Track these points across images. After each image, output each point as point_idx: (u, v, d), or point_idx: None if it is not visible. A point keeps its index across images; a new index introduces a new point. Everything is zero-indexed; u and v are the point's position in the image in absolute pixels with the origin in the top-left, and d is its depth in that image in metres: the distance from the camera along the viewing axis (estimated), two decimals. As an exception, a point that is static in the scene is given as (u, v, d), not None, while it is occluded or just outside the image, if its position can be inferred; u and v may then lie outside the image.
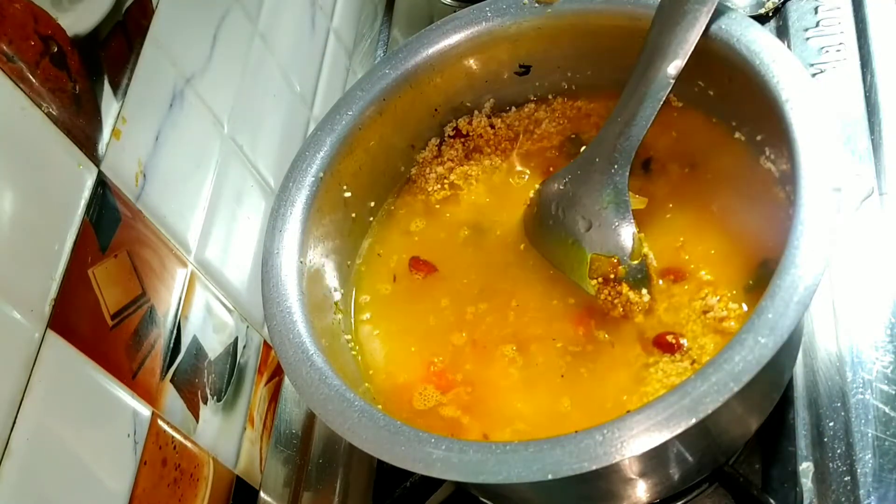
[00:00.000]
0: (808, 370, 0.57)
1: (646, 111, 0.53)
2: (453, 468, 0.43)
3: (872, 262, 0.59)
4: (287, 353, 0.51)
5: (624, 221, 0.54)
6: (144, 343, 0.56)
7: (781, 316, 0.41)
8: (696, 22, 0.51)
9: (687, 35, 0.52)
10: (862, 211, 0.60)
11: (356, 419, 0.47)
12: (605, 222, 0.54)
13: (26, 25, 0.49)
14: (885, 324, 0.57)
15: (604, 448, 0.41)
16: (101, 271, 0.53)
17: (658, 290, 0.54)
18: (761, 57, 0.50)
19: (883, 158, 0.62)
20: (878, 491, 0.51)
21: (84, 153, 0.52)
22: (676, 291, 0.54)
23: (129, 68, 0.57)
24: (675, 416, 0.41)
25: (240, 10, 0.71)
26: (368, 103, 0.60)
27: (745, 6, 0.73)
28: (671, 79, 0.52)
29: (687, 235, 0.55)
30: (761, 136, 0.54)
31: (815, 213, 0.44)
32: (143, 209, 0.58)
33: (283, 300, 0.53)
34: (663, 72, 0.52)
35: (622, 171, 0.54)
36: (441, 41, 0.61)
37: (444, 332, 0.58)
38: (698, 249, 0.55)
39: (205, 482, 0.61)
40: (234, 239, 0.69)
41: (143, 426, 0.55)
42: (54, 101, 0.50)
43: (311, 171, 0.58)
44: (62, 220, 0.51)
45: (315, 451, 0.69)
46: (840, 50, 0.68)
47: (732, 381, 0.40)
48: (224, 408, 0.65)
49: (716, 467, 0.54)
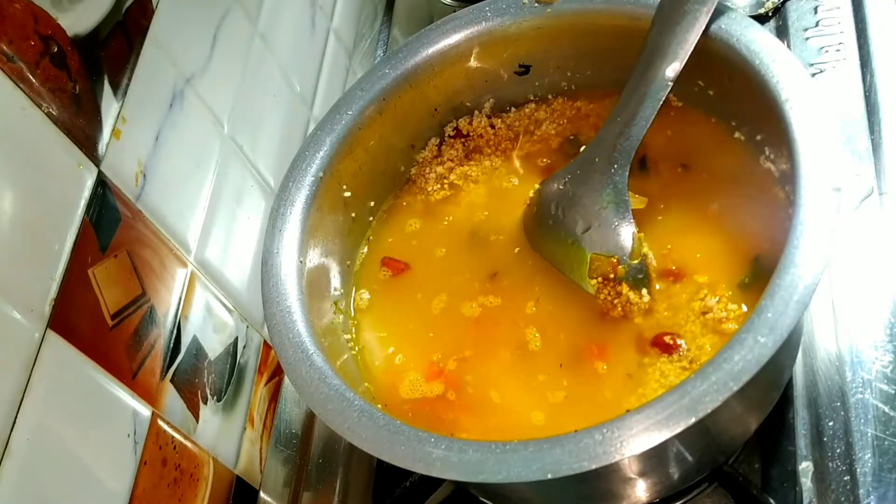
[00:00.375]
0: (808, 369, 0.57)
1: (646, 111, 0.53)
2: (453, 468, 0.43)
3: (872, 261, 0.59)
4: (287, 352, 0.51)
5: (623, 221, 0.54)
6: (144, 343, 0.56)
7: (781, 315, 0.41)
8: (696, 22, 0.51)
9: (687, 35, 0.52)
10: (861, 211, 0.60)
11: (356, 419, 0.47)
12: (604, 222, 0.54)
13: (26, 25, 0.49)
14: (885, 323, 0.57)
15: (603, 447, 0.41)
16: (101, 271, 0.53)
17: (657, 291, 0.54)
18: (761, 57, 0.50)
19: (882, 158, 0.62)
20: (877, 490, 0.51)
21: (84, 153, 0.52)
22: (675, 292, 0.54)
23: (129, 68, 0.57)
24: (674, 416, 0.41)
25: (240, 10, 0.71)
26: (368, 103, 0.60)
27: (745, 6, 0.73)
28: (670, 81, 0.52)
29: (687, 235, 0.55)
30: (761, 135, 0.54)
31: (814, 213, 0.44)
32: (143, 209, 0.58)
33: (283, 300, 0.53)
34: (663, 72, 0.52)
35: (622, 170, 0.54)
36: (441, 41, 0.61)
37: (445, 331, 0.58)
38: (698, 250, 0.55)
39: (205, 482, 0.61)
40: (234, 239, 0.69)
41: (143, 426, 0.55)
42: (54, 101, 0.50)
43: (311, 170, 0.58)
44: (62, 220, 0.51)
45: (315, 450, 0.69)
46: (840, 50, 0.68)
47: (732, 381, 0.40)
48: (224, 408, 0.65)
49: (715, 467, 0.54)
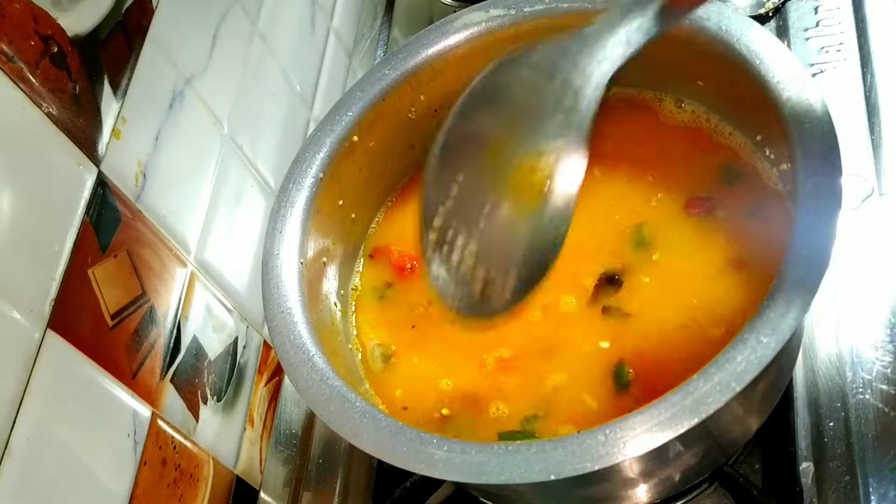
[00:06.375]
0: (809, 370, 0.57)
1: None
2: (455, 469, 0.43)
3: (872, 262, 0.59)
4: (288, 353, 0.51)
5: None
6: (144, 343, 0.56)
7: (783, 316, 0.41)
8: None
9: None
10: (862, 211, 0.60)
11: (357, 420, 0.47)
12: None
13: (26, 25, 0.49)
14: (885, 324, 0.57)
15: (606, 448, 0.41)
16: (101, 271, 0.53)
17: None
18: (761, 57, 0.50)
19: (883, 158, 0.62)
20: (878, 491, 0.51)
21: (84, 153, 0.52)
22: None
23: (128, 68, 0.57)
24: (677, 416, 0.41)
25: (240, 10, 0.71)
26: (368, 104, 0.60)
27: (745, 6, 0.73)
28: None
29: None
30: (761, 135, 0.54)
31: (815, 214, 0.44)
32: (143, 209, 0.58)
33: (284, 301, 0.53)
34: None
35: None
36: (441, 41, 0.61)
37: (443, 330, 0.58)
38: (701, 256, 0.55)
39: (205, 482, 0.61)
40: (234, 239, 0.69)
41: (142, 426, 0.55)
42: (54, 101, 0.50)
43: (311, 171, 0.58)
44: (62, 220, 0.50)
45: (315, 451, 0.69)
46: (840, 50, 0.68)
47: (735, 381, 0.40)
48: (224, 408, 0.65)
49: (716, 467, 0.54)
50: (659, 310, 0.53)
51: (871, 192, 0.61)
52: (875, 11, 0.68)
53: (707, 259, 0.54)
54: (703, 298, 0.53)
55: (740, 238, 0.54)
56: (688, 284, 0.54)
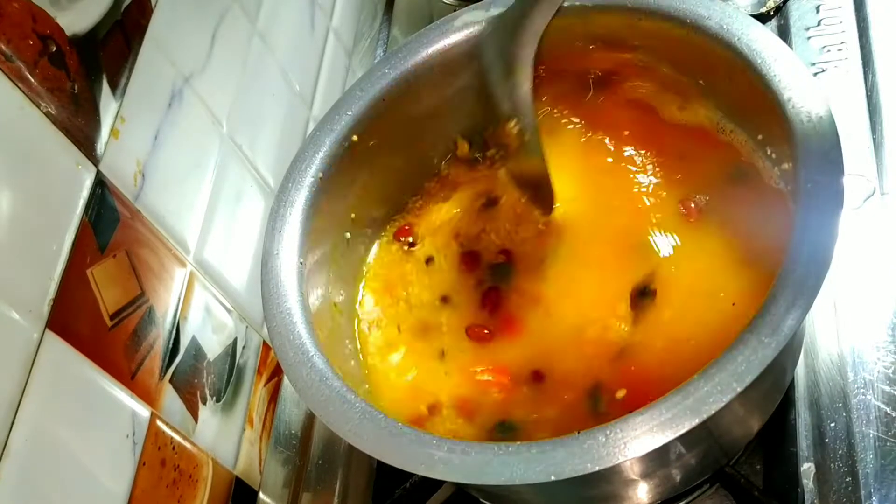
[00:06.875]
0: (810, 370, 0.57)
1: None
2: (456, 469, 0.43)
3: (874, 262, 0.59)
4: (287, 354, 0.50)
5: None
6: (143, 343, 0.56)
7: (784, 316, 0.41)
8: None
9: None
10: (863, 210, 0.60)
11: (357, 421, 0.46)
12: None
13: (25, 24, 0.49)
14: (887, 324, 0.57)
15: (607, 449, 0.41)
16: (100, 271, 0.53)
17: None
18: (763, 56, 0.50)
19: (884, 158, 0.62)
20: (879, 492, 0.51)
21: (83, 153, 0.52)
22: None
23: (127, 67, 0.57)
24: (678, 417, 0.40)
25: (239, 10, 0.71)
26: (368, 103, 0.60)
27: (747, 5, 0.73)
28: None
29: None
30: (762, 135, 0.54)
31: (816, 213, 0.44)
32: (142, 209, 0.58)
33: (283, 301, 0.53)
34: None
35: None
36: (441, 40, 0.61)
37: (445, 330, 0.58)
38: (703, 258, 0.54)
39: (204, 483, 0.61)
40: (234, 239, 0.69)
41: (141, 427, 0.55)
42: (53, 100, 0.50)
43: (310, 171, 0.58)
44: (61, 220, 0.50)
45: (314, 451, 0.69)
46: (842, 49, 0.68)
47: (736, 381, 0.40)
48: (223, 408, 0.65)
49: (717, 468, 0.54)
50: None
51: (872, 192, 0.61)
52: (877, 10, 0.68)
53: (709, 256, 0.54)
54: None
55: (741, 238, 0.54)
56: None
